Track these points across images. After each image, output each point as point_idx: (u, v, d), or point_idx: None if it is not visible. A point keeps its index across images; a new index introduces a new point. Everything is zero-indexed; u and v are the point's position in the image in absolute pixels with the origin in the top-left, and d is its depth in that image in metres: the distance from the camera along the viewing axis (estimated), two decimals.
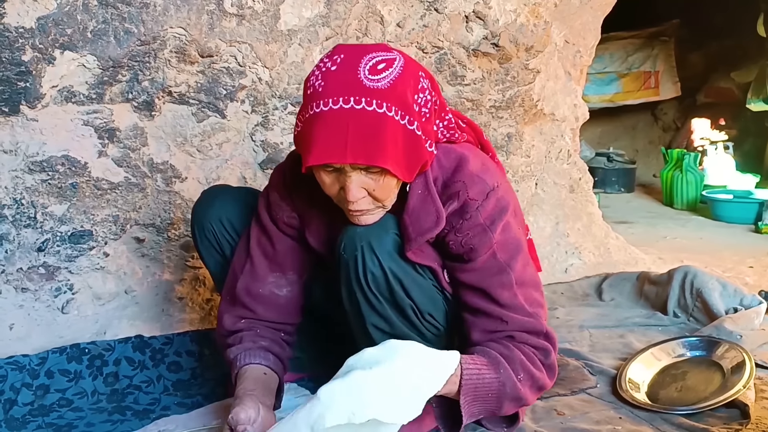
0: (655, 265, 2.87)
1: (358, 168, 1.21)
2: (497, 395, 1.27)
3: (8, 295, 1.85)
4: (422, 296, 1.37)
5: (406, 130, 1.21)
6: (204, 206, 1.62)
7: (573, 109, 2.91)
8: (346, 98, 1.18)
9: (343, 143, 1.17)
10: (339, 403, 1.10)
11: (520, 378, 1.29)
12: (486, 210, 1.31)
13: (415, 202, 1.32)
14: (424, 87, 1.26)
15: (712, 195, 4.38)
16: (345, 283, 1.37)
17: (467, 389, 1.23)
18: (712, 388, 1.69)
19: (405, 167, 1.23)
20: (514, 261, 1.33)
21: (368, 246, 1.31)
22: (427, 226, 1.30)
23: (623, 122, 6.63)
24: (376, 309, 1.37)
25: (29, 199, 1.84)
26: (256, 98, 2.11)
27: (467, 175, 1.32)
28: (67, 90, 1.84)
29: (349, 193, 1.23)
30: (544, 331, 1.34)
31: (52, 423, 1.57)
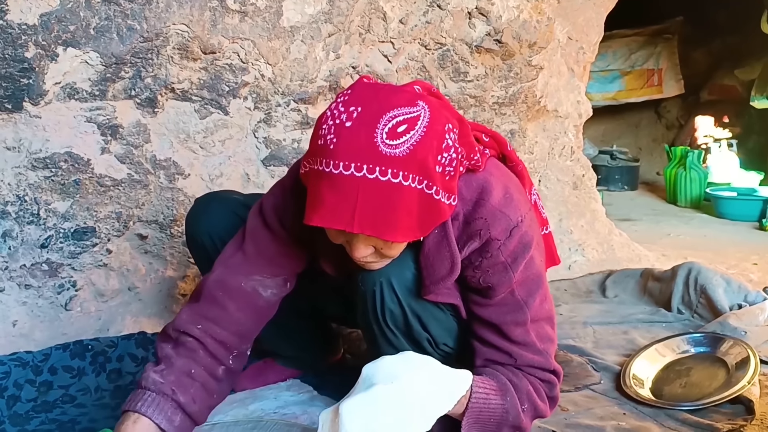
0: (659, 262, 2.87)
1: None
2: (498, 422, 1.24)
3: (12, 292, 1.85)
4: (439, 328, 1.36)
5: (423, 195, 1.11)
6: (194, 219, 1.57)
7: (576, 106, 2.91)
8: (359, 165, 1.06)
9: (351, 212, 1.07)
10: (362, 420, 1.07)
11: (524, 408, 1.26)
12: (508, 248, 1.24)
13: (431, 245, 1.26)
14: (449, 145, 1.13)
15: (716, 192, 4.37)
16: (362, 315, 1.35)
17: (472, 412, 1.21)
18: (716, 384, 1.68)
19: (418, 230, 1.15)
20: (532, 298, 1.28)
21: (388, 282, 1.28)
22: (441, 274, 1.26)
23: (626, 120, 6.62)
24: (393, 343, 1.36)
25: (32, 196, 1.84)
26: (258, 95, 2.11)
27: (489, 212, 1.24)
28: (70, 87, 1.84)
29: (355, 252, 1.18)
30: (551, 369, 1.31)
31: (56, 419, 1.57)
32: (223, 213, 1.54)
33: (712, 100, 6.21)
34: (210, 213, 1.55)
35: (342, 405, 1.09)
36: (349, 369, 1.65)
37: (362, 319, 1.36)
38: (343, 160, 1.07)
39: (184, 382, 1.26)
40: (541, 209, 1.53)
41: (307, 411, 1.53)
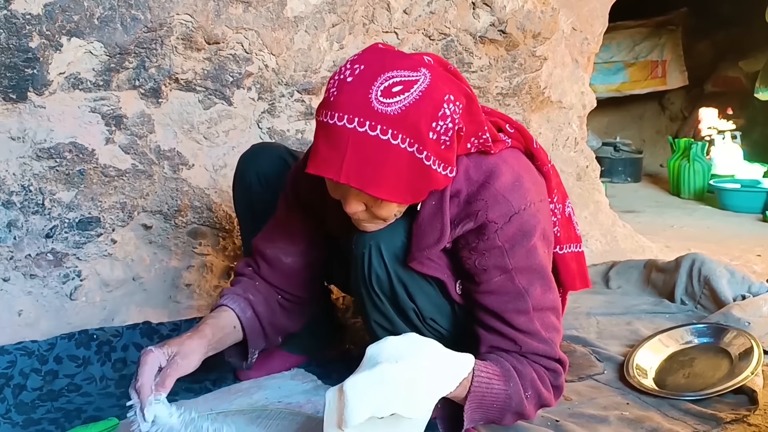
0: (663, 254, 2.87)
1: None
2: (502, 407, 1.25)
3: (17, 282, 1.86)
4: (427, 302, 1.37)
5: (413, 158, 1.14)
6: (246, 160, 1.67)
7: (580, 97, 2.90)
8: (351, 117, 1.12)
9: (340, 162, 1.12)
10: (367, 397, 1.08)
11: (527, 395, 1.27)
12: (506, 233, 1.25)
13: (425, 215, 1.28)
14: (446, 114, 1.16)
15: (720, 184, 4.37)
16: (353, 275, 1.38)
17: (474, 396, 1.21)
18: (719, 374, 1.69)
19: (407, 193, 1.18)
20: (534, 287, 1.28)
21: (377, 247, 1.31)
22: (428, 242, 1.27)
23: (630, 112, 6.60)
24: (379, 308, 1.38)
25: (37, 186, 1.85)
26: (262, 85, 2.11)
27: (491, 194, 1.25)
28: (74, 77, 1.84)
29: (347, 206, 1.22)
30: (556, 357, 1.32)
31: (62, 408, 1.57)
32: (272, 156, 1.65)
33: (716, 91, 6.20)
34: (261, 155, 1.66)
35: (346, 383, 1.09)
36: (353, 359, 1.65)
37: (353, 281, 1.38)
38: (338, 112, 1.13)
39: (251, 289, 1.48)
40: (575, 225, 1.53)
41: (311, 400, 1.54)
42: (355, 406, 1.07)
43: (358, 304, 1.44)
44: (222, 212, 2.10)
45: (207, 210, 2.08)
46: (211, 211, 2.09)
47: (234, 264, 2.14)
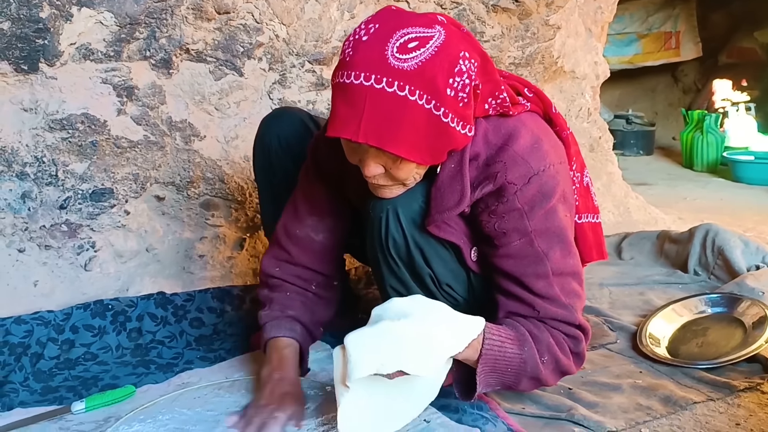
0: (675, 225, 2.85)
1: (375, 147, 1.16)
2: (517, 372, 1.24)
3: (32, 253, 1.87)
4: (443, 268, 1.36)
5: (431, 115, 1.14)
6: (267, 123, 1.68)
7: (593, 67, 2.87)
8: (368, 75, 1.11)
9: (358, 121, 1.11)
10: (368, 352, 1.10)
11: (544, 360, 1.26)
12: (525, 195, 1.23)
13: (445, 177, 1.27)
14: (462, 70, 1.15)
15: (733, 156, 4.32)
16: (370, 240, 1.37)
17: (486, 359, 1.21)
18: (733, 343, 1.68)
19: (426, 152, 1.17)
20: (553, 250, 1.26)
21: (394, 211, 1.30)
22: (448, 204, 1.26)
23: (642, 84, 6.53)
24: (395, 272, 1.37)
25: (50, 157, 1.85)
26: (273, 56, 2.10)
27: (510, 156, 1.24)
28: (85, 47, 1.83)
29: (365, 168, 1.20)
30: (577, 323, 1.29)
31: (79, 376, 1.59)
32: (294, 120, 1.65)
33: (730, 63, 6.12)
34: (282, 118, 1.67)
35: (347, 337, 1.11)
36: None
37: (370, 246, 1.38)
38: (354, 70, 1.12)
39: (286, 303, 1.49)
40: (593, 195, 1.52)
41: (325, 368, 1.55)
42: (357, 360, 1.09)
43: (374, 270, 1.44)
44: (234, 184, 2.10)
45: (219, 181, 2.08)
46: (223, 182, 2.09)
47: (246, 235, 2.15)
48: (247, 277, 2.07)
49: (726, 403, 1.43)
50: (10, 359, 1.62)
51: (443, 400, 1.40)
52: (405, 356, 1.10)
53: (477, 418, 1.34)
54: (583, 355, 1.33)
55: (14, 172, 1.83)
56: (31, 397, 1.49)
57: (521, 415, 1.38)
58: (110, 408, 1.40)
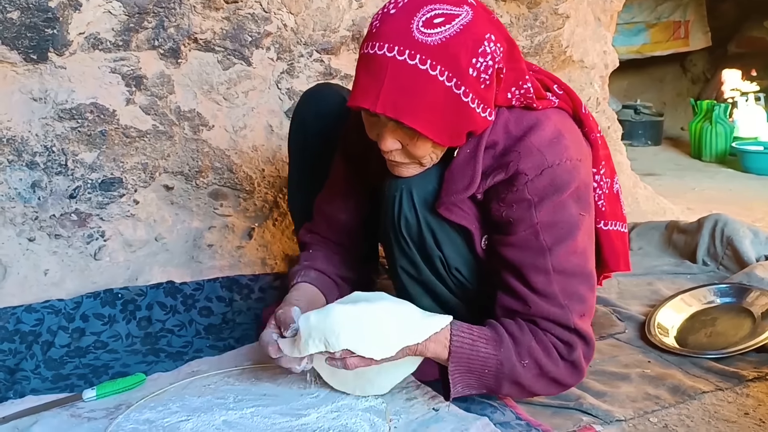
0: (684, 215, 2.84)
1: (393, 120, 1.17)
2: (495, 374, 1.22)
3: (42, 242, 1.88)
4: (453, 252, 1.35)
5: (450, 93, 1.14)
6: (305, 99, 1.69)
7: (602, 56, 2.85)
8: (391, 46, 1.12)
9: (377, 91, 1.13)
10: (315, 331, 1.19)
11: (524, 363, 1.22)
12: (536, 186, 1.21)
13: (459, 161, 1.26)
14: (486, 51, 1.15)
15: (742, 147, 4.30)
16: (383, 220, 1.38)
17: (457, 358, 1.21)
18: (742, 333, 1.68)
19: (442, 131, 1.17)
20: (559, 246, 1.23)
21: (408, 191, 1.30)
22: (457, 188, 1.26)
23: (651, 74, 6.49)
24: (406, 253, 1.37)
25: (60, 147, 1.86)
26: (281, 45, 2.09)
27: (526, 147, 1.22)
28: (94, 37, 1.83)
29: (382, 142, 1.21)
30: (571, 326, 1.24)
31: (89, 364, 1.61)
32: (332, 97, 1.64)
33: (740, 52, 6.06)
34: (320, 95, 1.67)
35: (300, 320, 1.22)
36: None
37: (383, 225, 1.38)
38: (379, 41, 1.14)
39: (310, 258, 1.51)
40: (622, 204, 1.49)
41: None
42: (306, 338, 1.19)
43: (386, 251, 1.44)
44: (243, 173, 2.11)
45: (228, 171, 2.08)
46: (231, 172, 2.09)
47: (255, 225, 2.16)
48: (255, 266, 2.07)
49: (735, 393, 1.43)
50: (22, 347, 1.64)
51: None
52: (350, 337, 1.17)
53: (485, 406, 1.34)
54: (579, 364, 1.27)
55: (24, 162, 1.84)
56: (43, 384, 1.50)
57: (529, 404, 1.38)
58: (121, 395, 1.40)
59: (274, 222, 2.18)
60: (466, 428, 1.22)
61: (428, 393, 1.35)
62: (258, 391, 1.36)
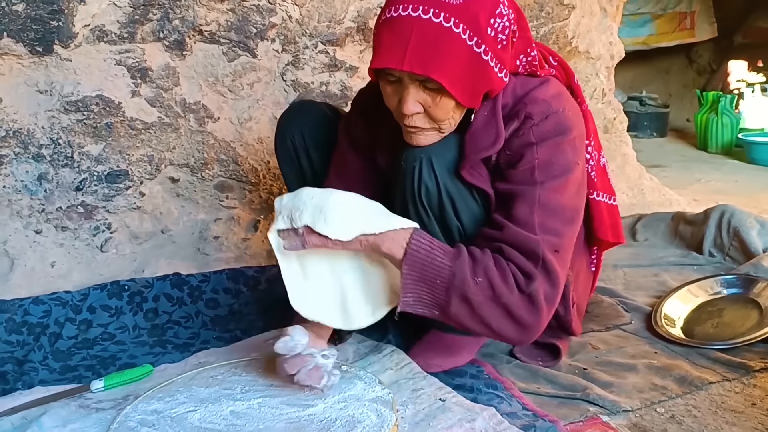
0: (690, 207, 2.83)
1: (417, 80, 1.20)
2: (446, 285, 1.21)
3: (49, 234, 1.89)
4: (471, 221, 1.35)
5: (471, 51, 1.19)
6: (288, 117, 1.67)
7: (608, 47, 2.84)
8: (415, 6, 1.17)
9: (403, 50, 1.17)
10: (284, 209, 1.24)
11: (477, 280, 1.21)
12: (540, 129, 1.28)
13: (478, 124, 1.31)
14: (503, 13, 1.23)
15: (749, 138, 4.28)
16: (400, 193, 1.37)
17: (411, 260, 1.21)
18: (748, 324, 1.68)
19: (465, 89, 1.21)
20: (549, 182, 1.26)
21: (428, 160, 1.31)
22: (484, 145, 1.29)
23: (656, 65, 6.45)
24: (424, 224, 1.36)
25: (66, 139, 1.86)
26: (286, 37, 2.09)
27: (532, 97, 1.30)
28: (99, 29, 1.83)
29: (405, 105, 1.23)
30: (539, 255, 1.23)
31: (97, 355, 1.61)
32: (315, 114, 1.65)
33: (746, 43, 6.02)
34: (303, 111, 1.67)
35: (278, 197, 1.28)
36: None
37: (400, 201, 1.37)
38: (402, 3, 1.19)
39: None
40: (610, 177, 1.54)
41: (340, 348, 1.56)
42: (277, 215, 1.25)
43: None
44: (248, 165, 2.11)
45: (233, 163, 2.09)
46: (237, 164, 2.09)
47: (261, 217, 2.16)
48: (261, 258, 2.08)
49: (742, 383, 1.43)
50: (29, 339, 1.65)
51: (458, 379, 1.42)
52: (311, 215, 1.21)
53: (492, 397, 1.34)
54: (536, 299, 1.23)
55: (30, 154, 1.84)
56: (51, 375, 1.51)
57: (536, 395, 1.38)
58: (128, 386, 1.41)
59: None
60: (472, 418, 1.22)
61: (435, 384, 1.36)
62: (265, 381, 1.36)
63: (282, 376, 1.30)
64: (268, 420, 1.22)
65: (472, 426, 1.21)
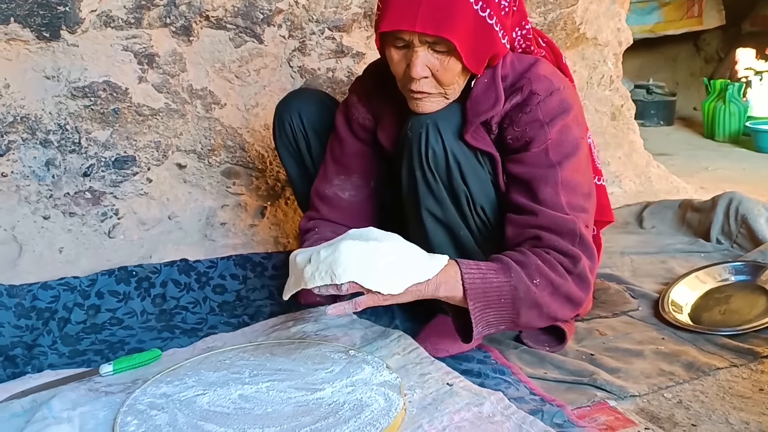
0: (697, 194, 2.82)
1: (426, 43, 1.24)
2: (511, 300, 1.23)
3: (57, 220, 1.89)
4: (478, 186, 1.37)
5: (478, 15, 1.23)
6: (285, 101, 1.69)
7: (616, 33, 2.82)
8: None
9: (415, 11, 1.20)
10: (322, 264, 1.18)
11: (536, 282, 1.24)
12: (547, 106, 1.31)
13: (479, 90, 1.34)
14: None
15: (756, 126, 4.25)
16: (407, 163, 1.38)
17: (473, 293, 1.22)
18: (756, 311, 1.67)
19: (472, 51, 1.25)
20: (565, 162, 1.31)
21: (434, 125, 1.33)
22: (484, 107, 1.32)
23: (664, 53, 6.41)
24: (432, 189, 1.37)
25: (73, 125, 1.86)
26: (293, 22, 2.08)
27: (534, 74, 1.33)
28: (106, 14, 1.83)
29: (414, 69, 1.25)
30: (577, 233, 1.29)
31: (105, 340, 1.62)
32: (313, 100, 1.68)
33: (754, 31, 5.98)
34: (301, 97, 1.69)
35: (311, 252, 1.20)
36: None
37: (407, 169, 1.38)
38: None
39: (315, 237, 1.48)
40: (596, 156, 1.56)
41: (348, 333, 1.56)
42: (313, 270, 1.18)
43: (409, 200, 1.42)
44: (255, 152, 2.11)
45: (240, 149, 2.08)
46: (244, 150, 2.09)
47: (267, 204, 2.16)
48: (268, 244, 2.08)
49: (749, 369, 1.43)
50: (38, 323, 1.66)
51: (466, 364, 1.42)
52: (356, 271, 1.15)
53: (500, 382, 1.34)
54: (585, 276, 1.30)
55: (38, 140, 1.84)
56: (60, 360, 1.52)
57: (543, 380, 1.38)
58: (137, 370, 1.42)
59: (286, 201, 2.18)
60: (480, 403, 1.23)
61: (442, 368, 1.36)
62: (273, 366, 1.37)
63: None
64: (276, 404, 1.22)
65: (480, 410, 1.21)
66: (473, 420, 1.18)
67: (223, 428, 1.14)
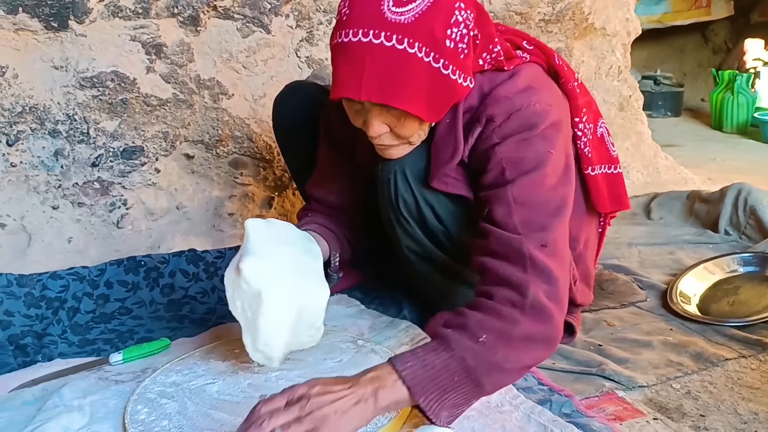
0: (705, 186, 2.82)
1: (378, 105, 1.15)
2: (465, 373, 1.06)
3: (65, 210, 1.90)
4: (455, 224, 1.35)
5: (431, 68, 1.13)
6: (281, 98, 1.68)
7: (625, 24, 2.81)
8: (366, 31, 1.09)
9: (359, 79, 1.10)
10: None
11: (482, 341, 1.06)
12: (503, 130, 1.21)
13: (441, 133, 1.27)
14: (459, 20, 1.14)
15: (765, 117, 4.23)
16: (381, 203, 1.38)
17: (419, 388, 1.04)
18: (765, 302, 1.67)
19: (428, 107, 1.16)
20: (522, 178, 1.19)
21: (401, 171, 1.30)
22: (444, 158, 1.27)
23: (671, 44, 6.37)
24: (408, 232, 1.38)
25: (81, 115, 1.87)
26: (300, 12, 2.08)
27: (493, 97, 1.23)
28: (114, 4, 1.83)
29: (370, 128, 1.19)
30: (525, 255, 1.13)
31: (114, 329, 1.63)
32: (305, 97, 1.65)
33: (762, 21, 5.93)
34: (293, 96, 1.67)
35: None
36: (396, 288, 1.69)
37: (383, 209, 1.39)
38: (352, 28, 1.11)
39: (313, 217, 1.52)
40: (609, 145, 1.50)
41: (356, 323, 1.57)
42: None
43: (390, 233, 1.44)
44: (262, 142, 2.11)
45: (247, 140, 2.09)
46: (251, 141, 2.09)
47: (275, 194, 2.16)
48: None
49: (758, 360, 1.43)
50: (48, 313, 1.66)
51: None
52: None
53: None
54: (540, 305, 1.11)
55: (47, 130, 1.85)
56: (70, 349, 1.52)
57: (551, 370, 1.38)
58: (147, 359, 1.43)
59: (293, 191, 2.18)
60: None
61: None
62: None
63: None
64: None
65: (488, 400, 1.21)
66: (481, 409, 1.18)
67: (232, 417, 1.14)
